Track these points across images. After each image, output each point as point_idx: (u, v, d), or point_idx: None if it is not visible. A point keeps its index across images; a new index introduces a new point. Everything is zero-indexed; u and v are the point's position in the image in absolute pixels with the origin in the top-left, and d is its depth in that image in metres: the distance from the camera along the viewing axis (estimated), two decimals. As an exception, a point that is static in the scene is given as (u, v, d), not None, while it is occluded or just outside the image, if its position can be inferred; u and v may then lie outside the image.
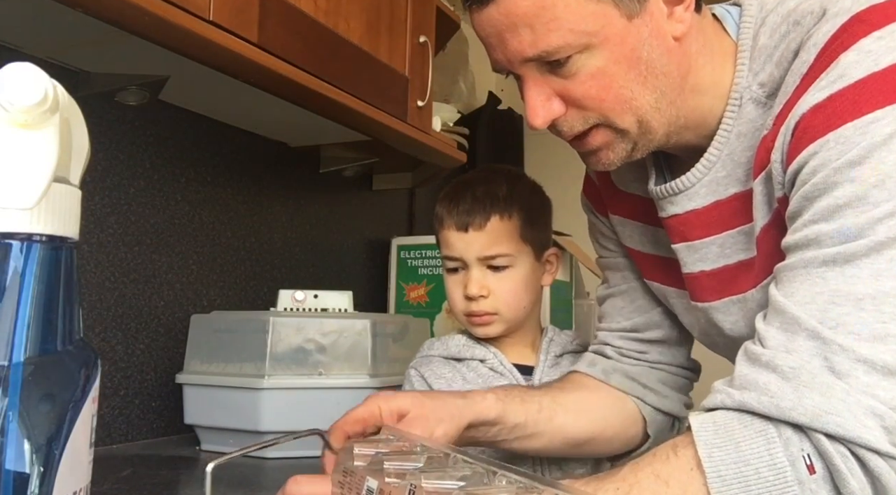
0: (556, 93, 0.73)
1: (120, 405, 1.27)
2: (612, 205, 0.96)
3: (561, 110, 0.74)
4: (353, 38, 1.26)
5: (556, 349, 1.08)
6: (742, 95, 0.75)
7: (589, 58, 0.70)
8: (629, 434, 0.97)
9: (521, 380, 1.02)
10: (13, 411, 0.38)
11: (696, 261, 0.81)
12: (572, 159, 0.86)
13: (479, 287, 1.01)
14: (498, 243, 1.01)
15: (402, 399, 0.81)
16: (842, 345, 0.59)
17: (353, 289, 1.36)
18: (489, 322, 1.03)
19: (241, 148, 1.57)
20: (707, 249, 0.80)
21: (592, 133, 0.75)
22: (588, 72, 0.71)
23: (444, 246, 1.05)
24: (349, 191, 1.93)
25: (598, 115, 0.73)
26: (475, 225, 1.01)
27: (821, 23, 0.68)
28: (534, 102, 0.73)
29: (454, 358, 1.04)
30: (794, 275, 0.64)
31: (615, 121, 0.73)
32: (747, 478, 0.60)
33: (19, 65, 0.38)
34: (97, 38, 1.03)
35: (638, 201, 0.91)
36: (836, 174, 0.62)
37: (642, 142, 0.76)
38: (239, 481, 1.03)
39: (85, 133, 0.45)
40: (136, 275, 1.32)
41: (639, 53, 0.71)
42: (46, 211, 0.41)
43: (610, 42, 0.70)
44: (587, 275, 2.22)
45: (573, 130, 0.75)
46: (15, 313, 0.40)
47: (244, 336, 1.23)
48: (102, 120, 1.26)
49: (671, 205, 0.81)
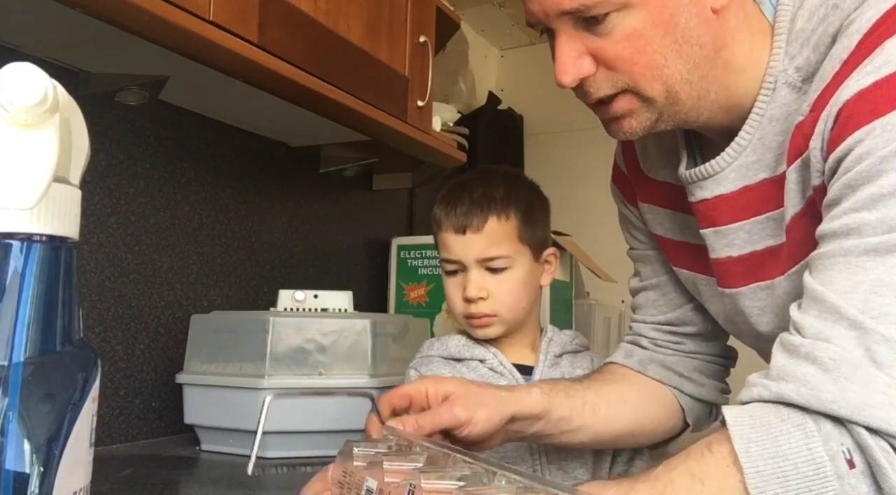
0: (588, 51, 0.72)
1: (120, 405, 1.28)
2: (641, 193, 0.95)
3: (591, 70, 0.73)
4: (353, 38, 1.26)
5: (556, 349, 1.07)
6: (777, 79, 0.74)
7: (626, 17, 0.69)
8: (669, 423, 0.97)
9: (520, 381, 1.02)
10: (13, 411, 0.38)
11: (723, 246, 0.81)
12: (572, 159, 0.86)
13: (478, 289, 1.00)
14: (496, 245, 1.01)
15: (448, 382, 0.83)
16: (884, 334, 0.58)
17: (353, 289, 1.36)
18: (489, 323, 1.03)
19: (241, 148, 1.57)
20: (734, 235, 0.79)
21: (618, 99, 0.74)
22: (623, 31, 0.70)
23: (442, 248, 1.05)
24: (349, 191, 1.93)
25: (628, 78, 0.72)
26: (473, 227, 1.00)
27: (863, 7, 0.67)
28: (564, 58, 0.72)
29: (454, 358, 1.04)
30: (832, 263, 0.63)
31: (644, 87, 0.72)
32: (786, 474, 0.59)
33: (19, 65, 0.38)
34: (97, 38, 1.03)
35: (668, 188, 0.90)
36: (882, 162, 0.61)
37: (668, 113, 0.75)
38: (239, 481, 1.03)
39: (85, 133, 0.45)
40: (136, 275, 1.32)
41: (676, 19, 0.70)
42: (46, 211, 0.41)
43: (649, 3, 0.69)
44: (587, 275, 2.22)
45: (599, 92, 0.74)
46: (15, 313, 0.40)
47: (244, 336, 1.23)
48: (102, 120, 1.26)
49: (700, 189, 0.80)
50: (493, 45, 2.87)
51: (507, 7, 2.55)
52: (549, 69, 0.75)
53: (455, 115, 1.91)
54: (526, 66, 2.86)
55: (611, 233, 2.48)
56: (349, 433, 1.17)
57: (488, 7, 2.54)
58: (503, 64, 2.92)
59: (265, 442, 1.18)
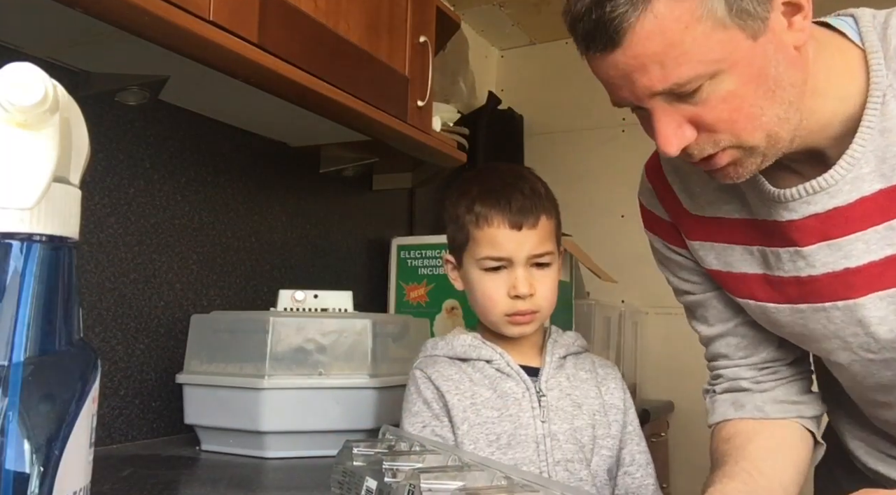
0: (686, 119, 0.74)
1: (120, 405, 1.28)
2: (691, 232, 0.96)
3: (692, 136, 0.75)
4: (353, 38, 1.26)
5: (560, 350, 1.07)
6: (885, 93, 0.76)
7: (719, 83, 0.71)
8: (809, 451, 0.98)
9: (528, 382, 1.01)
10: (13, 411, 0.38)
11: (839, 259, 0.82)
12: (572, 159, 0.87)
13: (529, 286, 1.00)
14: (545, 242, 1.01)
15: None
16: None
17: (353, 289, 1.36)
18: (531, 320, 1.02)
19: (241, 148, 1.57)
20: (852, 246, 0.80)
21: (720, 153, 0.76)
22: (719, 96, 0.72)
23: (487, 245, 1.01)
24: (349, 191, 1.93)
25: (730, 136, 0.74)
26: (529, 223, 0.99)
27: None
28: (665, 131, 0.74)
29: (459, 358, 1.03)
30: None
31: (745, 140, 0.74)
32: None
33: (19, 65, 0.38)
34: (97, 38, 1.03)
35: (720, 223, 0.92)
36: None
37: (771, 152, 0.77)
38: (239, 481, 1.03)
39: (85, 133, 0.45)
40: (136, 275, 1.32)
41: (767, 70, 0.72)
42: (46, 211, 0.41)
43: (739, 65, 0.70)
44: (587, 275, 2.22)
45: (703, 154, 0.76)
46: (15, 313, 0.40)
47: (244, 336, 1.23)
48: (102, 120, 1.26)
49: (808, 205, 0.81)
50: (493, 45, 2.87)
51: (507, 7, 2.55)
52: (549, 69, 0.76)
53: (455, 115, 1.91)
54: (526, 66, 2.86)
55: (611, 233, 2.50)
56: (349, 433, 1.17)
57: (488, 7, 2.54)
58: (503, 64, 2.92)
59: (265, 442, 1.18)
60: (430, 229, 2.23)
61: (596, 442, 1.01)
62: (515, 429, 0.97)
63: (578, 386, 1.04)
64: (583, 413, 1.01)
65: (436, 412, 0.99)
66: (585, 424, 1.01)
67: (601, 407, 1.04)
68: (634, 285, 2.53)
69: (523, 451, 0.97)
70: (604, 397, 1.05)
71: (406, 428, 0.99)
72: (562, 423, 0.99)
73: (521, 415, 0.98)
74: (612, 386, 1.07)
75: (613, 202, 2.57)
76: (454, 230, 1.04)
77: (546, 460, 0.98)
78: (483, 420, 0.97)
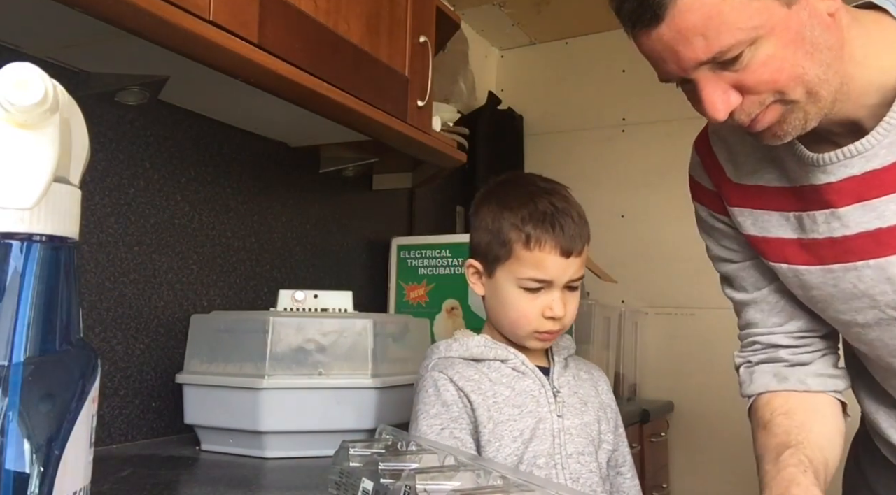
0: (730, 85, 0.78)
1: (120, 405, 1.28)
2: (732, 198, 1.00)
3: (738, 100, 0.79)
4: (353, 38, 1.26)
5: (564, 352, 1.11)
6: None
7: (758, 48, 0.75)
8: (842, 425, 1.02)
9: (543, 380, 1.04)
10: (13, 411, 0.38)
11: (872, 219, 0.86)
12: (572, 159, 0.87)
13: (563, 307, 1.02)
14: (582, 267, 1.05)
15: None
16: None
17: (353, 289, 1.36)
18: (556, 336, 1.06)
19: (241, 148, 1.57)
20: (885, 206, 0.85)
21: (764, 112, 0.80)
22: (759, 60, 0.76)
23: (533, 267, 1.01)
24: (349, 191, 1.93)
25: (773, 93, 0.78)
26: (577, 251, 1.02)
27: None
28: (713, 98, 0.79)
29: (474, 359, 1.04)
30: None
31: (788, 93, 0.78)
32: None
33: (19, 65, 0.38)
34: (97, 38, 1.03)
35: (759, 190, 0.96)
36: None
37: (813, 110, 0.80)
38: (239, 481, 1.04)
39: (85, 133, 0.45)
40: (136, 275, 1.32)
41: (803, 34, 0.76)
42: (46, 211, 0.41)
43: (776, 30, 0.75)
44: (587, 275, 2.22)
45: (751, 116, 0.80)
46: (15, 313, 0.40)
47: (244, 336, 1.23)
48: (102, 120, 1.26)
49: (845, 168, 0.86)
50: (493, 45, 2.87)
51: (507, 7, 2.55)
52: (549, 69, 0.77)
53: (455, 115, 1.91)
54: (526, 66, 2.86)
55: (611, 233, 2.50)
56: (349, 433, 1.17)
57: (488, 7, 2.54)
58: (503, 64, 2.92)
59: (265, 442, 1.18)
60: (430, 229, 2.23)
61: (600, 437, 1.07)
62: (536, 424, 1.01)
63: (582, 385, 1.10)
64: (589, 409, 1.07)
65: (454, 414, 1.00)
66: (592, 419, 1.06)
67: (600, 405, 1.10)
68: (634, 285, 2.53)
69: (541, 444, 1.01)
70: (601, 396, 1.12)
71: (422, 429, 0.99)
72: (574, 418, 1.04)
73: (540, 411, 1.02)
74: (605, 387, 1.14)
75: (613, 202, 2.57)
76: (492, 241, 1.04)
77: (560, 453, 1.01)
78: (506, 418, 1.00)
